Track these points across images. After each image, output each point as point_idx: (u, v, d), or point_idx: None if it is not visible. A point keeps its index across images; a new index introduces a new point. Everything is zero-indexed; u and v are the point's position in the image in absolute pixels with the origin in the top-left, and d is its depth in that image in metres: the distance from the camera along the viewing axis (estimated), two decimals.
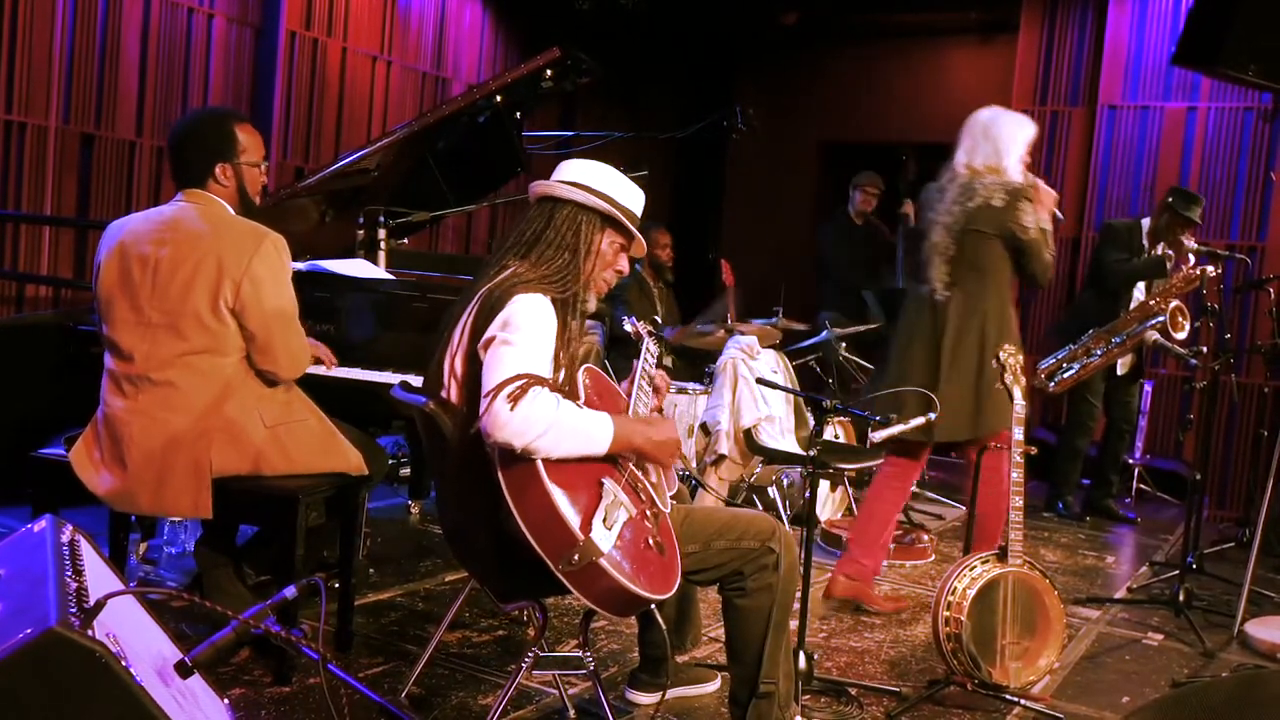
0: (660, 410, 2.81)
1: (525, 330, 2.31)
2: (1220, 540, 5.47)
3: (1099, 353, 5.45)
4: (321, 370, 3.54)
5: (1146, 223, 5.79)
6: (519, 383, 2.22)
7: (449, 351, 2.46)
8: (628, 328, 3.08)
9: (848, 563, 4.07)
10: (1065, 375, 5.47)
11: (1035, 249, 3.81)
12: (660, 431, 2.45)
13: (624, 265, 2.59)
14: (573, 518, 2.21)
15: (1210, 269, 4.85)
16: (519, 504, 2.23)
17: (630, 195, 2.56)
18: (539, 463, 2.23)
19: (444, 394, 2.46)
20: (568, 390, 2.47)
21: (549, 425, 2.21)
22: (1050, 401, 5.83)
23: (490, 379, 2.26)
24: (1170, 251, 5.63)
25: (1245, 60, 4.14)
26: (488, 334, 2.33)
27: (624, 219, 2.52)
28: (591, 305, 2.55)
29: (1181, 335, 5.25)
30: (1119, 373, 5.82)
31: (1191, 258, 4.64)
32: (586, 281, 2.51)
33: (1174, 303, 5.28)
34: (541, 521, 2.21)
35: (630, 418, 2.53)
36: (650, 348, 2.87)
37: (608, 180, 2.54)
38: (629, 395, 2.70)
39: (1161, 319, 5.26)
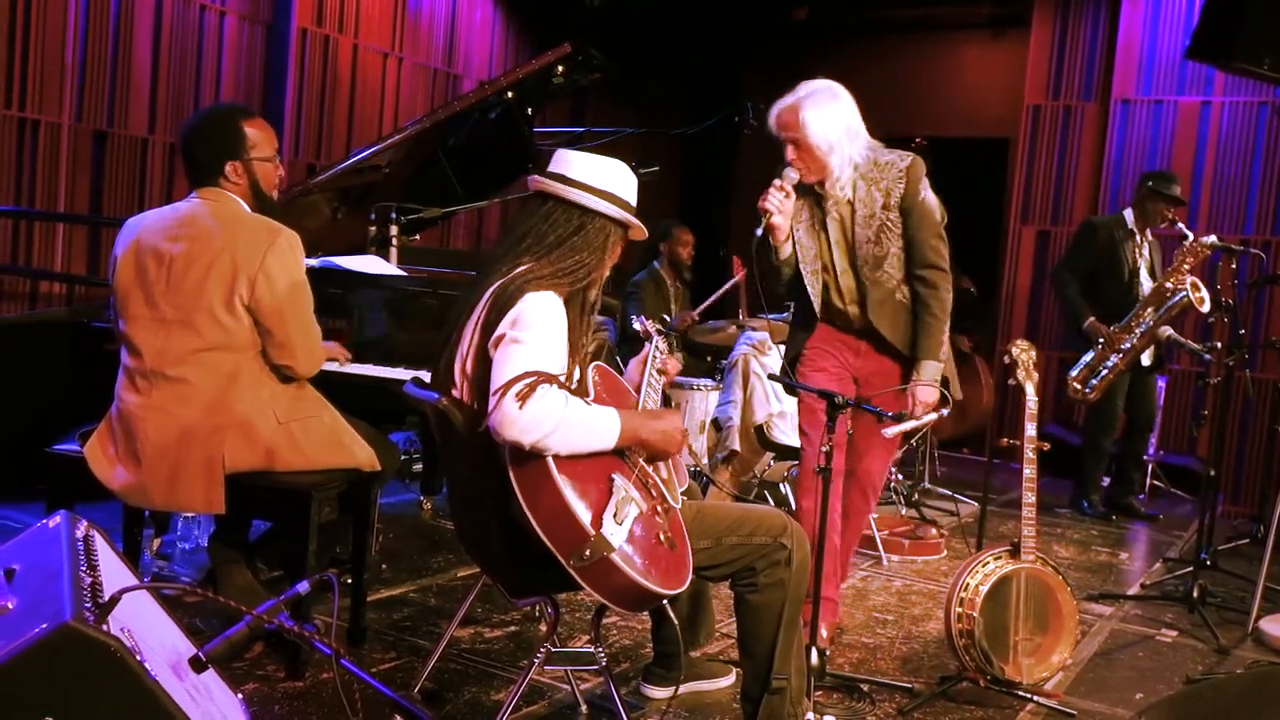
0: (667, 395, 2.81)
1: (535, 328, 2.30)
2: (1234, 536, 5.44)
3: (1126, 346, 5.43)
4: (335, 366, 3.56)
5: (1129, 214, 5.76)
6: (527, 380, 2.22)
7: (460, 351, 2.44)
8: (636, 327, 3.09)
9: None
10: (1098, 379, 5.46)
11: None
12: (665, 422, 2.46)
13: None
14: (583, 513, 2.21)
15: (1213, 238, 4.83)
16: (530, 501, 2.23)
17: (634, 189, 2.56)
18: (549, 459, 2.23)
19: (455, 393, 2.45)
20: (578, 387, 2.47)
21: (557, 422, 2.21)
22: (1066, 399, 5.81)
23: (499, 377, 2.26)
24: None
25: (1259, 54, 4.12)
26: (497, 331, 2.32)
27: (638, 223, 2.54)
28: (596, 298, 2.56)
29: (1205, 308, 5.22)
30: (1144, 363, 5.77)
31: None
32: (598, 279, 2.53)
33: (1189, 278, 5.25)
34: (553, 518, 2.22)
35: (636, 412, 2.54)
36: (660, 345, 2.87)
37: (628, 185, 2.53)
38: (637, 390, 2.71)
39: (1184, 294, 5.23)
